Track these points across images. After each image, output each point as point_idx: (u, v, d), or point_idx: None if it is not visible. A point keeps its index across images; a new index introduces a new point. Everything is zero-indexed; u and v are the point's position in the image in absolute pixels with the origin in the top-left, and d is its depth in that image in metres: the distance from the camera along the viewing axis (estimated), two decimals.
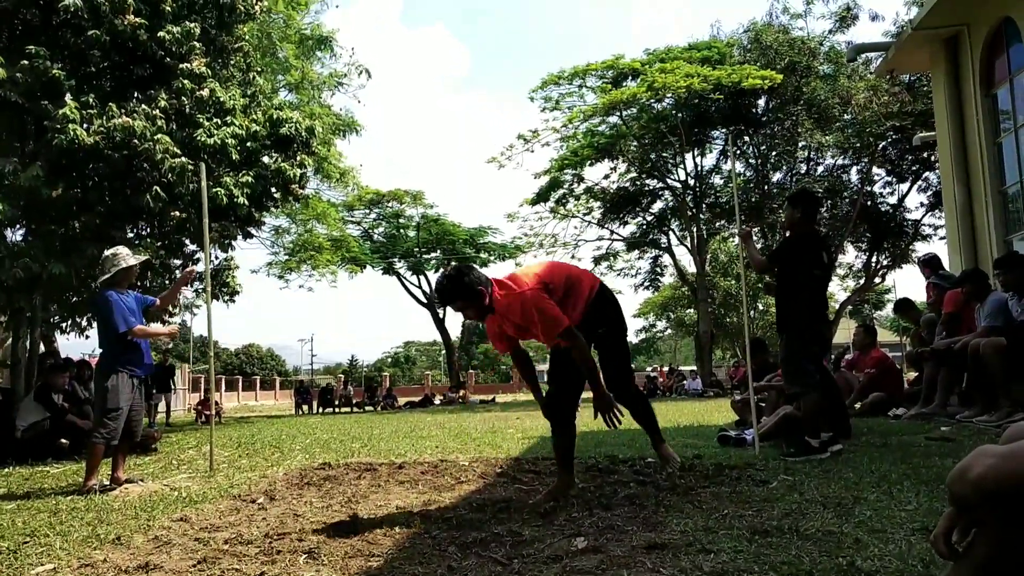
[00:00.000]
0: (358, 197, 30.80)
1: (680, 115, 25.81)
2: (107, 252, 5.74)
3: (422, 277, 34.63)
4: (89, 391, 8.93)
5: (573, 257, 31.17)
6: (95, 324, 11.47)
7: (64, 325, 12.24)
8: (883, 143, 23.73)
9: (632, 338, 56.94)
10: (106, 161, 8.66)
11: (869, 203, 25.55)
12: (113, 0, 8.65)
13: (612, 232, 31.29)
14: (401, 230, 34.49)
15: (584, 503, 3.79)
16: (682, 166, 28.62)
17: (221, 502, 4.42)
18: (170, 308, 12.26)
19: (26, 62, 8.37)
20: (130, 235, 9.97)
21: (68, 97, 8.45)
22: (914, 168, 24.56)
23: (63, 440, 7.66)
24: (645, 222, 31.03)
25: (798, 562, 2.50)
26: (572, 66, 26.81)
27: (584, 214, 30.89)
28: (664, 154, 28.68)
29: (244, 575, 2.73)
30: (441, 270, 24.83)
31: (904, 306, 9.57)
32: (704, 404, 16.77)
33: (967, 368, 6.72)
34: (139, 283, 10.96)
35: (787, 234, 5.60)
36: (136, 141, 8.59)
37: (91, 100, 8.71)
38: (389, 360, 78.84)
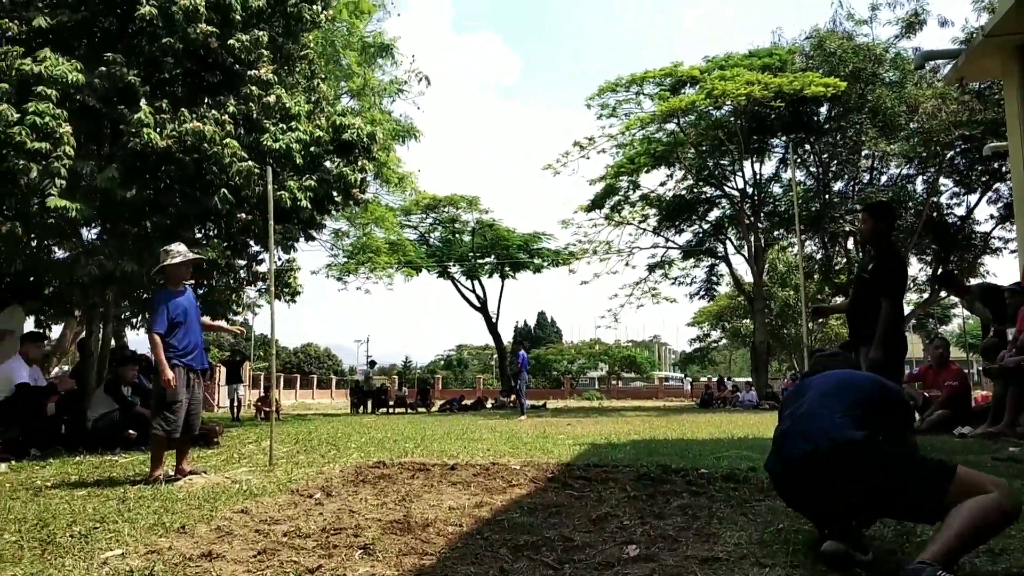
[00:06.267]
0: (415, 202, 31.20)
1: (739, 122, 25.44)
2: (166, 247, 5.86)
3: (476, 282, 34.83)
4: None
5: (627, 265, 30.98)
6: None
7: (135, 321, 12.72)
8: (951, 153, 22.96)
9: (686, 347, 56.36)
10: (177, 164, 8.97)
11: (935, 214, 24.75)
12: (186, 9, 8.97)
13: (667, 240, 30.99)
14: (456, 235, 34.76)
15: (636, 512, 3.78)
16: (740, 174, 28.19)
17: (280, 496, 4.54)
18: (231, 316, 12.69)
19: (104, 68, 8.74)
20: (198, 236, 10.30)
21: (143, 102, 8.78)
22: (984, 179, 23.69)
23: (131, 431, 7.95)
24: (701, 230, 30.64)
25: None
26: (629, 73, 26.75)
27: (639, 221, 30.67)
28: (722, 161, 28.29)
29: (302, 567, 2.81)
30: None
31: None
32: (759, 416, 16.44)
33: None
34: (204, 281, 11.33)
35: (870, 248, 5.57)
36: (206, 145, 8.88)
37: (164, 105, 9.04)
38: (442, 363, 79.39)
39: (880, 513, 2.76)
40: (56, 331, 18.01)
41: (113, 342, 10.94)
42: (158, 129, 8.77)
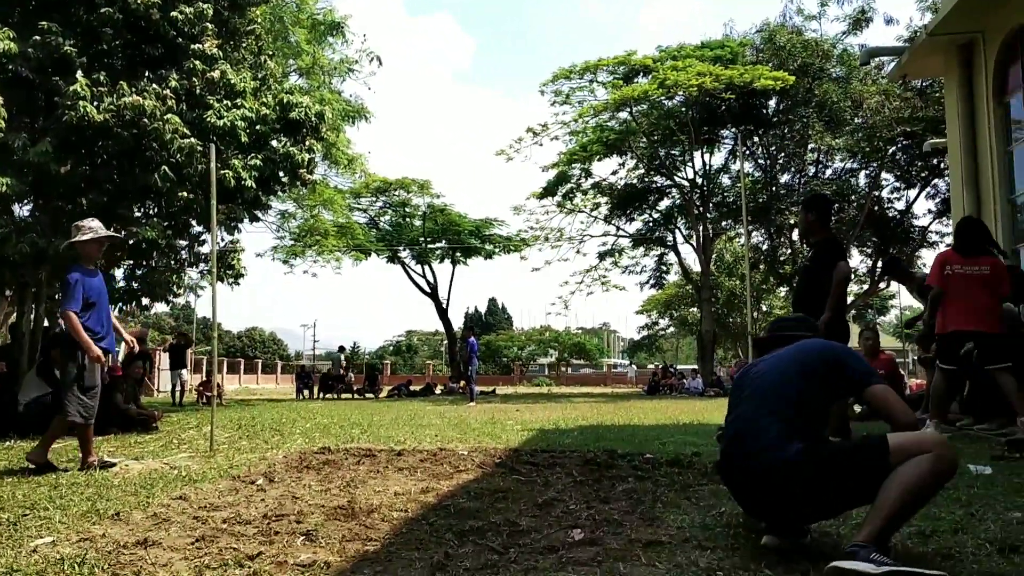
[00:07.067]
0: (365, 184, 30.72)
1: (690, 113, 25.72)
2: (79, 222, 5.52)
3: (426, 267, 34.57)
4: None
5: (578, 252, 31.16)
6: None
7: None
8: (893, 148, 23.61)
9: (634, 335, 57.12)
10: (115, 139, 8.66)
11: (876, 208, 25.45)
12: None
13: (618, 228, 31.24)
14: (407, 219, 34.37)
15: (582, 496, 3.80)
16: (690, 164, 28.54)
17: (220, 482, 4.44)
18: (172, 297, 12.30)
19: (38, 38, 8.36)
20: (137, 214, 9.98)
21: (79, 74, 8.44)
22: (923, 174, 24.44)
23: None
24: (652, 219, 30.95)
25: (795, 561, 2.51)
26: (583, 61, 26.71)
27: (591, 209, 30.82)
28: (673, 151, 28.59)
29: (242, 554, 2.75)
30: None
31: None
32: (704, 403, 16.78)
33: (969, 375, 6.71)
34: (144, 262, 10.99)
35: (810, 241, 5.75)
36: (146, 120, 8.59)
37: (102, 78, 8.70)
38: (391, 348, 78.91)
39: (833, 513, 2.75)
40: None
41: (46, 323, 10.54)
42: (95, 102, 8.44)
